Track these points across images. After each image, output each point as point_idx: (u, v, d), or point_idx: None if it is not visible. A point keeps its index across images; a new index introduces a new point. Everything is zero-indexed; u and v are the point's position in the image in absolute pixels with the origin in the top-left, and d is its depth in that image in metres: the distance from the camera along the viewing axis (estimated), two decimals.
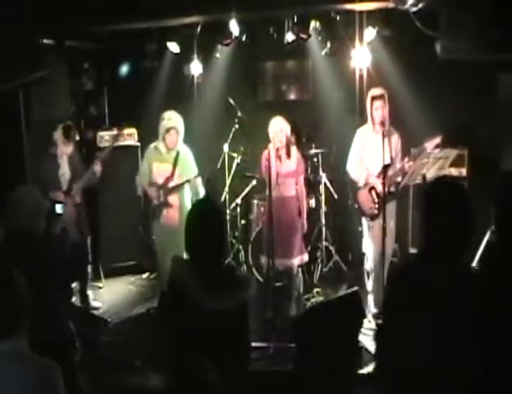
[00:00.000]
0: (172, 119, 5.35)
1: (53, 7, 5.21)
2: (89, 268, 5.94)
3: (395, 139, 5.16)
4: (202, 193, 5.50)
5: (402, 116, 5.61)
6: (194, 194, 5.49)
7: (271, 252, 4.94)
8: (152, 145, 5.48)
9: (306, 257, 5.54)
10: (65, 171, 5.53)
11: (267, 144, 5.30)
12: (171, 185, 5.40)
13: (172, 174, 5.39)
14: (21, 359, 2.10)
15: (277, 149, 5.20)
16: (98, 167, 5.52)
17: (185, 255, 2.64)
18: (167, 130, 5.33)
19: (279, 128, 5.22)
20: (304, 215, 5.46)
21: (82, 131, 6.79)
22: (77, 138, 5.76)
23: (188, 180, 5.42)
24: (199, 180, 5.48)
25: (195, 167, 5.53)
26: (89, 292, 5.92)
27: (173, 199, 5.40)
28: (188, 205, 5.35)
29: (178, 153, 5.40)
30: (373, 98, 5.03)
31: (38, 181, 5.41)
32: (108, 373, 4.38)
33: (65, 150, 5.52)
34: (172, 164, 5.39)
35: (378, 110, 5.02)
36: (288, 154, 5.30)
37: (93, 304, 5.84)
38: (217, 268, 2.52)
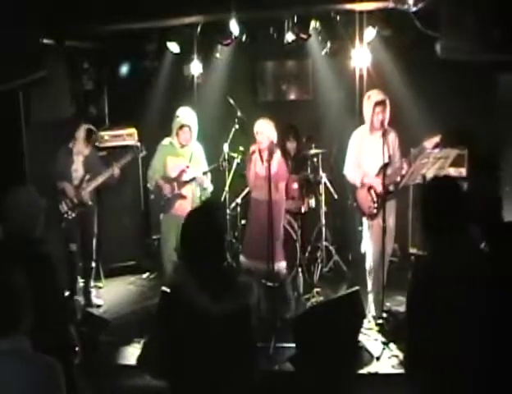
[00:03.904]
0: (186, 116, 5.44)
1: (53, 7, 5.21)
2: (93, 265, 5.95)
3: (393, 137, 5.15)
4: (209, 189, 5.65)
5: (402, 116, 5.61)
6: (201, 190, 5.58)
7: (266, 254, 4.89)
8: (166, 140, 5.56)
9: (283, 264, 5.30)
10: (78, 168, 5.66)
11: (251, 145, 5.30)
12: (184, 178, 5.48)
13: (187, 167, 5.49)
14: (22, 358, 2.11)
15: (259, 151, 5.17)
16: (116, 170, 5.65)
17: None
18: (181, 127, 5.40)
19: (261, 130, 5.18)
20: (282, 222, 5.35)
21: None
22: (96, 143, 5.95)
23: (194, 178, 5.47)
24: (207, 178, 5.59)
25: (206, 163, 5.66)
26: (92, 290, 5.95)
27: (186, 191, 5.52)
28: (198, 198, 5.54)
29: (192, 149, 5.51)
30: (376, 104, 5.01)
31: (49, 169, 5.56)
32: (108, 373, 4.40)
33: (83, 150, 5.65)
34: (187, 158, 5.49)
35: (379, 114, 5.01)
36: (270, 157, 5.13)
37: (96, 301, 5.87)
38: (216, 273, 2.50)
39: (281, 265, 5.29)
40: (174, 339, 2.44)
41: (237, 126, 6.50)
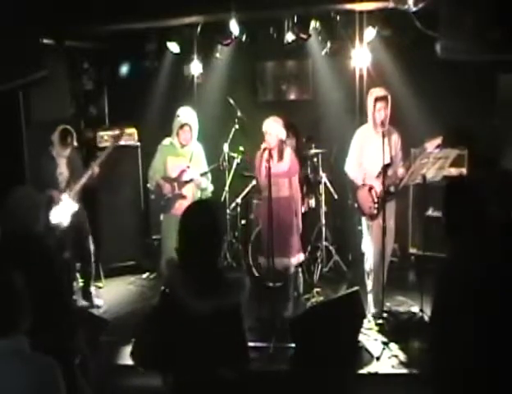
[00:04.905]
0: (187, 116, 5.44)
1: (53, 7, 5.21)
2: (93, 266, 5.95)
3: (395, 138, 5.14)
4: (209, 189, 5.63)
5: (402, 117, 5.61)
6: (200, 190, 5.57)
7: (266, 251, 4.94)
8: (167, 140, 5.54)
9: (302, 256, 5.49)
10: (62, 170, 5.58)
11: (260, 144, 5.31)
12: (184, 178, 5.49)
13: (187, 167, 5.49)
14: (22, 358, 2.11)
15: (269, 150, 5.20)
16: (96, 169, 5.58)
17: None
18: (181, 127, 5.40)
19: (270, 128, 5.21)
20: (299, 215, 5.43)
21: (82, 131, 6.81)
22: (75, 143, 5.72)
23: (192, 180, 5.47)
24: (207, 178, 5.58)
25: (206, 163, 5.64)
26: (92, 289, 5.95)
27: (187, 191, 5.51)
28: (199, 198, 5.50)
29: (192, 149, 5.51)
30: (377, 100, 5.00)
31: (36, 179, 5.47)
32: (108, 373, 4.39)
33: (62, 153, 5.56)
34: (187, 158, 5.49)
35: (381, 111, 4.99)
36: (280, 155, 5.25)
37: (96, 301, 5.87)
38: (208, 270, 2.49)
39: (301, 257, 5.45)
40: (163, 333, 2.44)
41: (237, 126, 6.52)
